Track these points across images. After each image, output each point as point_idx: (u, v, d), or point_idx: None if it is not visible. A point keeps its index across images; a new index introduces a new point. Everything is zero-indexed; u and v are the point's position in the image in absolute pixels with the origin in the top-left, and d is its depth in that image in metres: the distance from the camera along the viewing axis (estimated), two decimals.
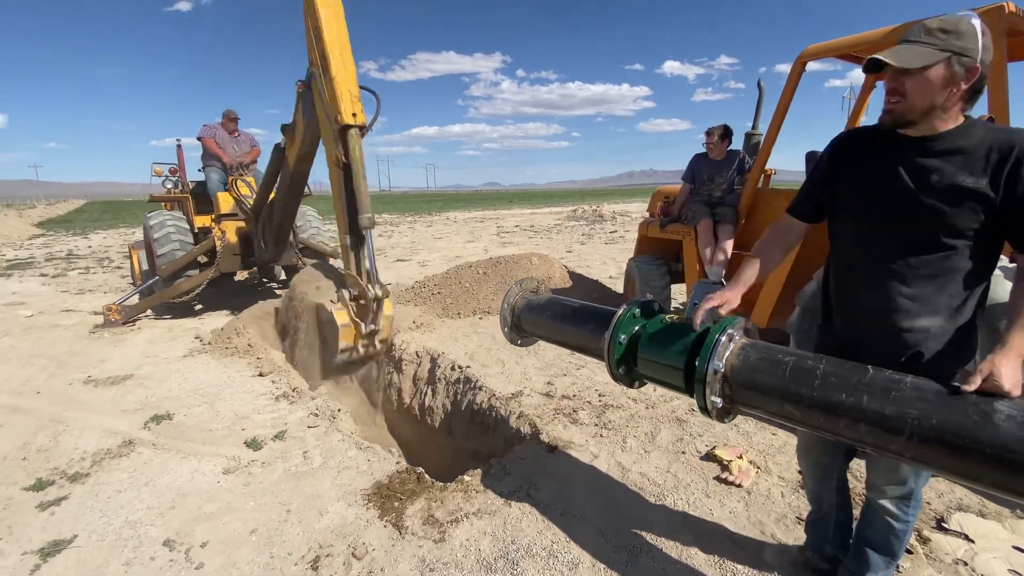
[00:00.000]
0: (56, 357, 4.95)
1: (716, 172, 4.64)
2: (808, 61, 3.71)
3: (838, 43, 3.57)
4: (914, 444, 1.21)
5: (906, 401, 1.23)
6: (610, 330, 1.87)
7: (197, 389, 4.04)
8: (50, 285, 9.12)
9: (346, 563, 2.11)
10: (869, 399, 1.27)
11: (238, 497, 2.60)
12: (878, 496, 1.71)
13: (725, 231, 4.33)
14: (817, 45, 3.67)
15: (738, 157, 4.66)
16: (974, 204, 1.38)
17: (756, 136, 4.90)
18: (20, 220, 28.12)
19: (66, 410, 3.73)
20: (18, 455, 3.09)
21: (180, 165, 7.59)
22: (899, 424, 1.22)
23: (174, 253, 6.34)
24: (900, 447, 1.24)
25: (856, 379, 1.33)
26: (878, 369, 1.34)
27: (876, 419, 1.26)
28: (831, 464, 1.85)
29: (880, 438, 1.26)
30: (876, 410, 1.26)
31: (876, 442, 1.29)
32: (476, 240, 15.27)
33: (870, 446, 1.31)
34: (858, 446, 1.35)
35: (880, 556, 1.77)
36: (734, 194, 4.53)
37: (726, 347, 1.56)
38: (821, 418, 1.37)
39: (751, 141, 4.92)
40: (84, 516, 2.49)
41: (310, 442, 3.13)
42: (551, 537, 2.20)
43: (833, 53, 3.63)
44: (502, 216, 27.79)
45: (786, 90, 3.87)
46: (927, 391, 1.23)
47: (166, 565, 2.15)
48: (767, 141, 4.06)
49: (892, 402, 1.24)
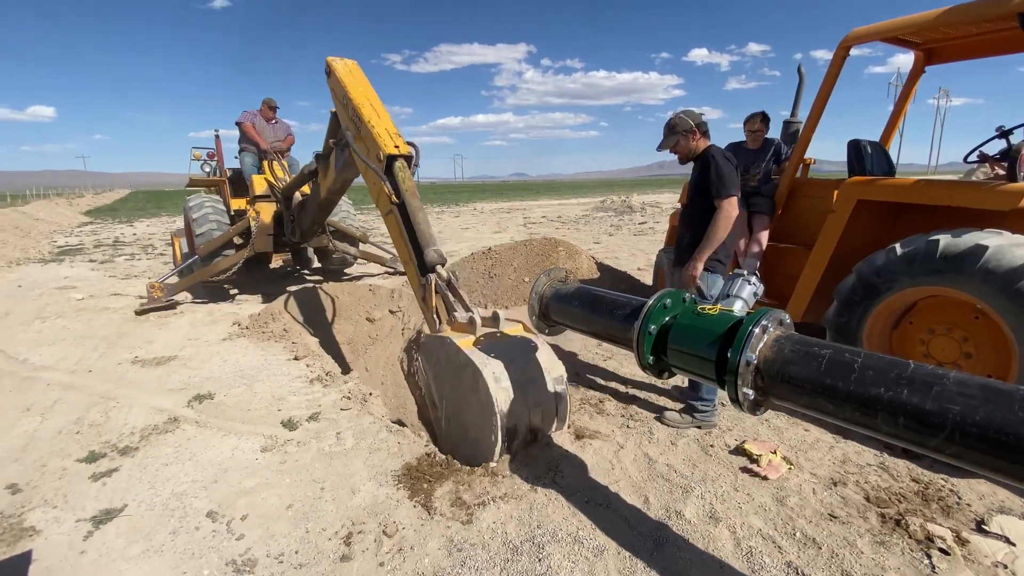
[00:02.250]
0: (106, 338, 5.22)
1: (751, 162, 4.52)
2: (852, 45, 3.57)
3: (884, 26, 3.42)
4: (955, 440, 1.18)
5: (948, 396, 1.20)
6: (640, 320, 1.87)
7: (236, 371, 4.20)
8: (98, 270, 9.57)
9: (377, 540, 2.18)
10: (909, 393, 1.25)
11: (275, 474, 2.71)
12: None
13: (760, 222, 4.22)
14: (862, 28, 3.53)
15: (774, 146, 4.53)
16: None
17: (795, 124, 4.74)
18: (70, 208, 29.54)
19: (116, 388, 3.93)
20: (72, 429, 3.29)
21: (218, 154, 7.84)
22: (940, 420, 1.19)
23: (211, 232, 6.58)
24: (940, 443, 1.21)
25: (896, 373, 1.30)
26: (919, 364, 1.31)
27: (916, 414, 1.23)
28: None
29: (919, 434, 1.24)
30: (916, 405, 1.23)
31: (915, 438, 1.26)
32: (503, 231, 15.30)
33: (908, 442, 1.29)
34: (896, 442, 1.33)
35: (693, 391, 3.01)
36: (770, 184, 4.41)
37: (759, 338, 1.55)
38: (857, 412, 1.35)
39: (790, 129, 4.76)
40: (133, 487, 2.64)
41: (343, 424, 3.23)
42: (576, 523, 2.23)
43: (879, 37, 3.48)
44: (529, 207, 27.73)
45: (828, 76, 3.73)
46: (971, 386, 1.19)
47: (209, 535, 2.26)
48: (807, 129, 3.93)
49: (933, 397, 1.21)
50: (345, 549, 2.14)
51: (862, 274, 3.08)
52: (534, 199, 37.14)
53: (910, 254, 2.86)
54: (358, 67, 4.54)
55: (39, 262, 10.68)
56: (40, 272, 9.42)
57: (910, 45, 3.78)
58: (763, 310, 1.63)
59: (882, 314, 3.09)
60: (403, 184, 3.61)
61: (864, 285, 3.08)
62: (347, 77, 4.30)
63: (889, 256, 2.96)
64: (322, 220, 6.30)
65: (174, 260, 8.28)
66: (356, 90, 4.18)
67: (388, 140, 3.76)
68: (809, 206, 4.08)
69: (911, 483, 2.51)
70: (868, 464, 2.68)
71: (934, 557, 2.01)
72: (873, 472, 2.61)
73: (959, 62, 3.95)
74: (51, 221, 20.84)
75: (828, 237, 3.48)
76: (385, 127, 3.87)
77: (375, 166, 3.67)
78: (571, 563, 2.02)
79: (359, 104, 4.03)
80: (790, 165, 4.14)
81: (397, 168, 3.66)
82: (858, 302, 3.12)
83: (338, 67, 4.44)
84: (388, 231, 3.82)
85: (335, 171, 4.87)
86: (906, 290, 2.92)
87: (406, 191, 3.59)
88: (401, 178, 3.63)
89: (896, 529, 2.16)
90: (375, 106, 4.07)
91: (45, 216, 21.82)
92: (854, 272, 3.14)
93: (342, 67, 4.45)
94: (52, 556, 2.15)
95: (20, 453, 2.99)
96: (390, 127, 3.90)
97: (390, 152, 3.67)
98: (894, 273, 2.94)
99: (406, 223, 3.54)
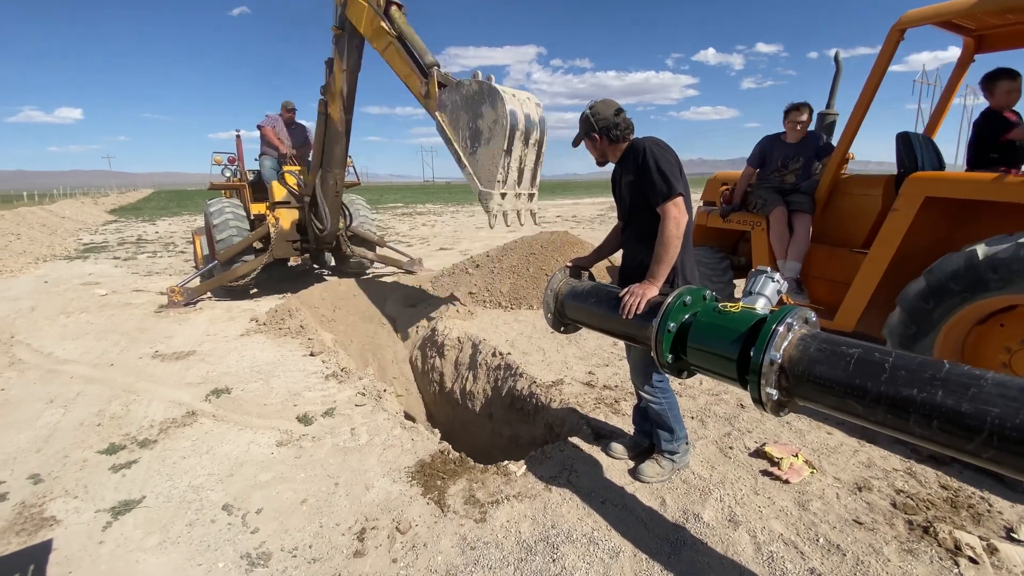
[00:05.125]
0: (127, 333, 5.31)
1: (790, 156, 4.13)
2: (907, 28, 3.35)
3: (940, 8, 3.24)
4: (993, 444, 1.13)
5: (987, 398, 1.14)
6: (659, 318, 1.83)
7: (253, 366, 4.25)
8: (122, 267, 9.78)
9: (390, 536, 2.17)
10: (944, 395, 1.19)
11: (290, 468, 2.72)
12: (637, 389, 2.55)
13: (802, 222, 3.87)
14: (917, 11, 3.33)
15: (817, 140, 4.17)
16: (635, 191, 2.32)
17: (831, 116, 4.50)
18: (95, 207, 30.28)
19: (136, 381, 4.00)
20: (94, 421, 3.34)
21: (239, 155, 7.95)
22: (977, 423, 1.14)
23: (232, 239, 6.67)
24: (977, 447, 1.15)
25: (930, 374, 1.24)
26: (954, 364, 1.25)
27: (951, 417, 1.17)
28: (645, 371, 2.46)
29: (955, 437, 1.18)
30: (952, 407, 1.17)
31: (950, 441, 1.20)
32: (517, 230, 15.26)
33: (942, 445, 1.23)
34: (928, 445, 1.27)
35: (663, 431, 2.52)
36: (810, 180, 4.07)
37: (784, 337, 1.49)
38: (887, 414, 1.29)
39: (825, 121, 4.50)
40: (152, 479, 2.67)
41: (357, 420, 3.24)
42: (592, 524, 2.19)
43: (934, 20, 3.32)
44: (544, 207, 27.66)
45: (880, 61, 3.49)
46: (1011, 387, 1.13)
47: (225, 528, 2.28)
48: (853, 121, 3.68)
49: (970, 399, 1.15)
50: (358, 545, 2.14)
51: (934, 280, 2.76)
52: (549, 199, 37.06)
53: (997, 258, 2.53)
54: None
55: (65, 259, 10.94)
56: (66, 268, 9.66)
57: (961, 31, 3.62)
58: (787, 307, 1.57)
59: (958, 325, 2.78)
60: (398, 22, 4.58)
61: (937, 292, 2.76)
62: None
63: (969, 260, 2.63)
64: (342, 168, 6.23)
65: (195, 258, 8.42)
66: None
67: None
68: (852, 204, 3.81)
69: (940, 489, 2.42)
70: (895, 469, 2.59)
71: (962, 566, 1.93)
72: (900, 477, 2.52)
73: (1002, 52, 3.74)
74: (77, 219, 21.37)
75: (889, 238, 3.15)
76: None
77: (374, 6, 4.65)
78: (586, 564, 1.98)
79: None
80: (832, 161, 3.85)
81: (393, 11, 4.63)
82: (929, 311, 2.80)
83: None
84: (388, 60, 4.72)
85: (340, 66, 5.34)
86: (990, 298, 2.59)
87: (401, 25, 4.57)
88: (396, 16, 4.60)
89: (924, 536, 2.09)
90: None
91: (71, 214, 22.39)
92: (923, 277, 2.83)
93: None
94: (71, 546, 2.18)
95: (43, 444, 3.05)
96: None
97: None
98: (976, 279, 2.61)
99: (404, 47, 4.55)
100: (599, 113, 2.36)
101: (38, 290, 7.58)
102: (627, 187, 2.37)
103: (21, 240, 12.86)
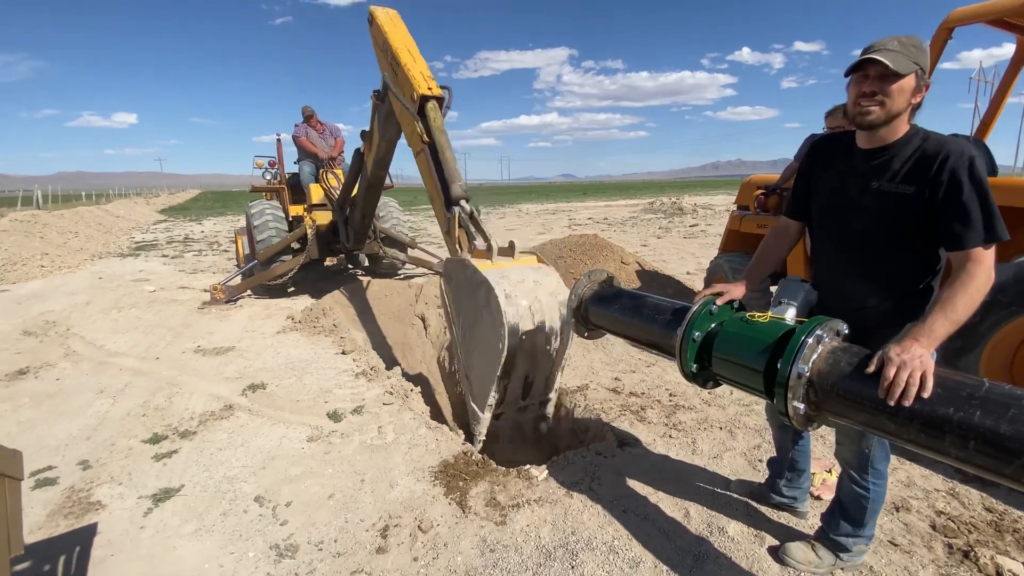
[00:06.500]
0: (173, 328, 5.58)
1: None
2: (955, 27, 3.24)
3: (990, 7, 3.10)
4: None
5: None
6: (683, 326, 1.80)
7: (288, 363, 4.39)
8: (170, 265, 10.26)
9: (412, 535, 2.21)
10: (983, 415, 1.14)
11: (319, 463, 2.80)
12: (842, 463, 1.91)
13: None
14: (964, 9, 3.20)
15: None
16: (902, 208, 1.57)
17: None
18: (147, 207, 31.86)
19: (179, 374, 4.19)
20: (139, 412, 3.53)
21: (279, 158, 8.23)
22: (1017, 445, 1.08)
23: (271, 239, 6.93)
24: (1016, 471, 1.09)
25: (967, 392, 1.19)
26: (995, 383, 1.19)
27: (989, 438, 1.12)
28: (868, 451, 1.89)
29: (993, 459, 1.12)
30: (990, 428, 1.12)
31: (987, 464, 1.14)
32: (547, 232, 15.24)
33: (980, 468, 1.17)
34: (964, 466, 1.21)
35: (846, 521, 1.93)
36: None
37: (813, 349, 1.45)
38: (921, 433, 1.24)
39: None
40: (190, 469, 2.80)
41: (384, 418, 3.30)
42: (612, 532, 2.17)
43: (983, 19, 3.17)
44: (575, 208, 27.50)
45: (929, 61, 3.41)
46: None
47: (256, 519, 2.36)
48: None
49: (1010, 420, 1.09)
50: (381, 541, 2.18)
51: None
52: (580, 200, 36.82)
53: None
54: (398, 16, 4.75)
55: (118, 256, 11.56)
56: (119, 265, 10.21)
57: (1014, 28, 3.44)
58: (818, 318, 1.53)
59: (1006, 340, 2.62)
60: (433, 123, 3.84)
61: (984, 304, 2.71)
62: (388, 25, 4.52)
63: (1019, 271, 2.52)
64: (372, 208, 6.38)
65: (237, 257, 8.75)
66: (395, 36, 4.38)
67: (422, 82, 3.96)
68: None
69: (984, 512, 2.29)
70: (936, 489, 2.47)
71: None
72: (941, 498, 2.40)
73: None
74: (130, 219, 22.53)
75: None
76: (420, 70, 4.07)
77: (410, 106, 3.94)
78: (605, 573, 1.97)
79: (397, 49, 4.23)
80: None
81: (429, 109, 3.89)
82: (974, 324, 2.64)
83: (380, 15, 4.66)
84: (418, 169, 4.06)
85: (378, 133, 5.06)
86: None
87: (435, 130, 3.82)
88: (432, 118, 3.86)
89: (964, 561, 1.98)
90: (412, 51, 4.27)
91: (125, 214, 23.62)
92: None
93: (383, 15, 4.66)
94: (114, 530, 2.31)
95: (92, 432, 3.24)
96: (424, 70, 4.09)
97: (423, 92, 3.89)
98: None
99: (435, 160, 3.78)
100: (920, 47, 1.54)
101: (93, 286, 8.04)
102: (883, 197, 1.61)
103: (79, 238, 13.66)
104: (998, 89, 3.97)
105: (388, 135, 4.98)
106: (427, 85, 3.95)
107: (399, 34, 4.44)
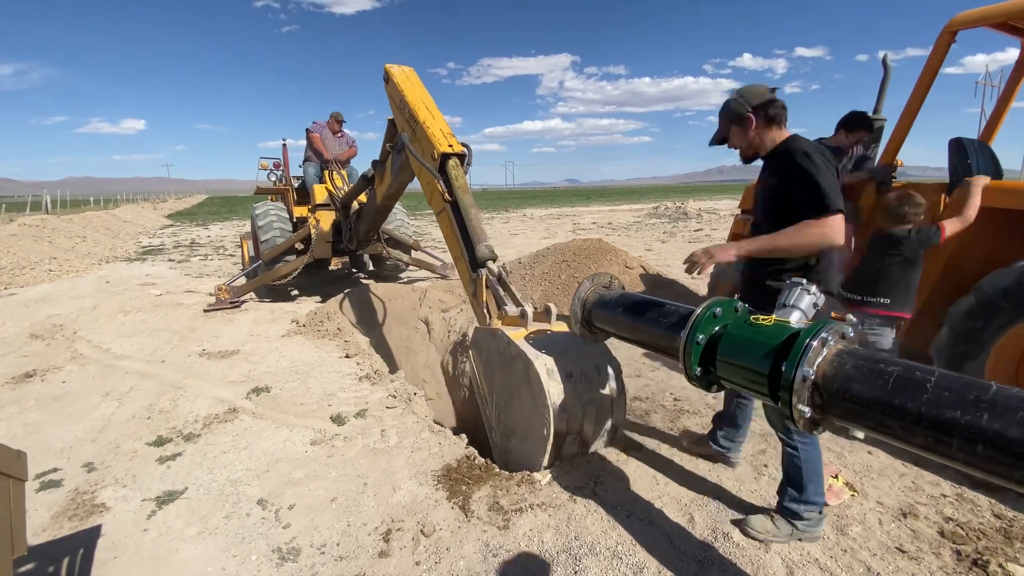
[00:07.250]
0: (178, 331, 5.60)
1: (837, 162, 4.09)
2: (958, 31, 3.23)
3: (992, 11, 3.09)
4: None
5: None
6: (687, 329, 1.79)
7: (292, 366, 4.40)
8: (176, 269, 10.33)
9: (415, 539, 2.20)
10: (991, 418, 1.12)
11: (322, 467, 2.80)
12: (773, 426, 2.16)
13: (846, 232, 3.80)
14: (968, 13, 3.19)
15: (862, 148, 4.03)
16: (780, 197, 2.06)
17: (879, 121, 4.36)
18: (154, 212, 32.12)
19: (184, 378, 4.21)
20: (144, 414, 3.54)
21: (284, 162, 8.29)
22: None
23: (275, 239, 6.98)
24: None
25: (976, 395, 1.17)
26: (1003, 386, 1.17)
27: (998, 442, 1.10)
28: None
29: (1001, 464, 1.11)
30: (999, 432, 1.10)
31: (996, 469, 1.13)
32: (551, 236, 15.24)
33: (988, 472, 1.15)
34: (972, 471, 1.19)
35: (791, 487, 2.11)
36: None
37: (818, 352, 1.44)
38: (928, 437, 1.22)
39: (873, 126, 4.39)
40: (194, 472, 2.80)
41: (388, 422, 3.30)
42: (616, 538, 2.16)
43: (987, 22, 3.16)
44: (579, 213, 27.52)
45: (930, 65, 3.37)
46: None
47: (259, 522, 2.36)
48: (901, 127, 3.56)
49: (1019, 423, 1.08)
50: (384, 545, 2.18)
51: (984, 296, 2.64)
52: (584, 205, 36.84)
53: None
54: (415, 73, 4.72)
55: (125, 260, 11.65)
56: (126, 269, 10.28)
57: (1018, 32, 3.42)
58: (823, 321, 1.51)
59: (1010, 344, 2.62)
60: (456, 182, 3.68)
61: (986, 309, 2.63)
62: (404, 82, 4.49)
63: (1022, 276, 2.50)
64: (378, 226, 6.52)
65: (242, 261, 8.81)
66: (412, 94, 4.34)
67: (442, 139, 3.86)
68: None
69: (993, 518, 2.26)
70: (944, 495, 2.44)
71: None
72: (949, 504, 2.37)
73: None
74: (137, 223, 22.71)
75: (936, 251, 3.01)
76: (439, 127, 3.98)
77: (430, 165, 3.78)
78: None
79: (415, 107, 4.17)
80: None
81: (450, 166, 3.74)
82: (979, 329, 2.68)
83: (396, 73, 4.63)
84: (440, 229, 3.87)
85: (391, 176, 5.06)
86: None
87: (458, 188, 3.65)
88: (454, 176, 3.71)
89: (972, 568, 1.95)
90: (430, 108, 4.21)
91: (132, 219, 23.82)
92: (972, 294, 2.69)
93: (399, 73, 4.64)
94: (118, 532, 2.31)
95: (98, 434, 3.25)
96: (444, 128, 4.00)
97: (444, 151, 3.77)
98: None
99: (458, 220, 3.58)
100: (750, 92, 2.07)
101: (100, 289, 8.10)
102: (769, 191, 2.09)
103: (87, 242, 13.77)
104: (1003, 93, 3.96)
105: (402, 179, 4.99)
106: (447, 143, 3.83)
107: (416, 91, 4.38)
